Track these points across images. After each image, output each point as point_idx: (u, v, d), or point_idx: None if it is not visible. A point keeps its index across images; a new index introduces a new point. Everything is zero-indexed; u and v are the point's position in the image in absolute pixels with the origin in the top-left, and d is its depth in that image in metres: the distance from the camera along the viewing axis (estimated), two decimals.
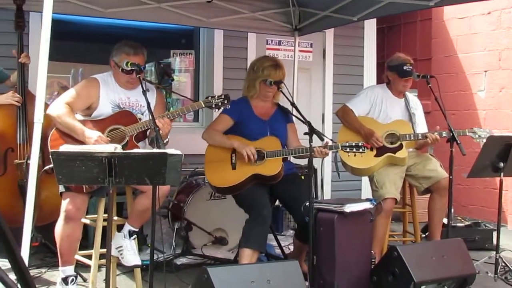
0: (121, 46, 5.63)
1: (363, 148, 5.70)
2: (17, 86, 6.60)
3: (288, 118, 6.37)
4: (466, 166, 6.87)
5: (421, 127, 6.84)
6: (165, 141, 5.27)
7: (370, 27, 10.59)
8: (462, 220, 8.68)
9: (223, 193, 6.43)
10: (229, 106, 5.65)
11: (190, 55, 9.64)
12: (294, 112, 6.03)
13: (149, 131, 5.50)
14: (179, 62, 9.66)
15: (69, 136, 5.30)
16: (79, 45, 9.31)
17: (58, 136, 5.34)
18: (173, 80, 8.53)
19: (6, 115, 6.57)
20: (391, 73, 6.84)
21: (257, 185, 5.95)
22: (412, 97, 7.03)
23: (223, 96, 5.59)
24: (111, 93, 5.57)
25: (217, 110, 5.74)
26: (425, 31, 11.19)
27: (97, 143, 5.07)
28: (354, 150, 5.71)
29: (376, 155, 6.58)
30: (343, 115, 6.85)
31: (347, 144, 5.73)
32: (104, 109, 5.51)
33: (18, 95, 6.49)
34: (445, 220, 6.78)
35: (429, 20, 11.05)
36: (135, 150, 4.69)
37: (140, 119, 5.50)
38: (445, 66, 10.71)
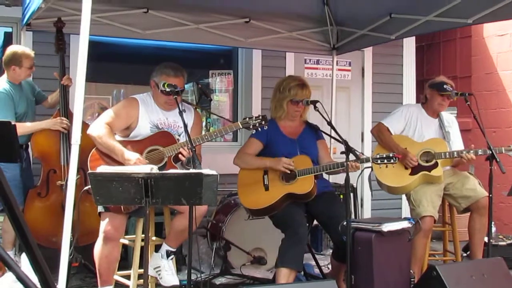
0: (162, 68, 5.69)
1: (394, 158, 5.64)
2: (59, 108, 6.69)
3: (317, 135, 6.35)
4: (507, 184, 6.79)
5: (457, 144, 6.78)
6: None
7: (409, 45, 10.55)
8: (504, 238, 8.56)
9: (259, 215, 6.39)
10: (266, 126, 5.66)
11: (229, 75, 9.69)
12: (332, 133, 6.01)
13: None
14: (218, 82, 9.72)
15: (109, 157, 5.35)
16: (120, 66, 9.41)
17: (98, 156, 5.40)
18: (211, 100, 8.57)
19: (50, 136, 6.67)
20: (430, 90, 6.81)
21: (292, 204, 5.93)
22: (446, 115, 6.97)
23: (260, 117, 5.60)
24: (150, 114, 5.62)
25: (254, 131, 5.76)
26: (465, 48, 11.10)
27: (135, 166, 5.11)
28: (385, 161, 5.65)
29: (411, 173, 6.53)
30: (378, 134, 6.83)
31: (378, 156, 5.69)
32: (143, 129, 5.56)
33: (66, 122, 6.56)
34: (486, 239, 6.70)
35: (468, 37, 10.96)
36: (171, 171, 4.73)
37: (178, 139, 5.53)
38: (486, 84, 10.60)
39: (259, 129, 5.66)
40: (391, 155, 5.66)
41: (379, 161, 5.69)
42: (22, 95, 6.66)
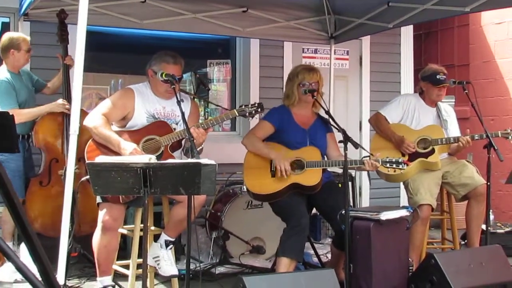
0: (162, 55, 5.68)
1: (402, 164, 5.67)
2: (62, 93, 6.71)
3: (328, 128, 6.34)
4: (505, 172, 6.81)
5: (454, 132, 6.79)
6: (198, 149, 5.33)
7: (407, 33, 10.55)
8: (502, 226, 8.58)
9: (261, 200, 6.42)
10: (262, 114, 5.68)
11: (227, 65, 9.69)
12: (330, 121, 6.02)
13: (184, 140, 5.54)
14: (216, 71, 9.71)
15: (106, 147, 5.34)
16: (118, 56, 9.40)
17: (95, 147, 5.39)
18: (209, 90, 8.57)
19: (52, 126, 6.71)
20: (424, 83, 6.81)
21: (295, 194, 5.93)
22: (444, 105, 6.98)
23: (256, 104, 5.61)
24: (146, 103, 5.62)
25: (251, 118, 5.76)
26: (463, 37, 11.10)
27: (131, 155, 5.11)
28: (394, 166, 5.68)
29: (408, 161, 6.55)
30: (376, 123, 6.85)
31: (387, 160, 5.70)
32: (139, 119, 5.56)
33: (68, 104, 6.58)
34: (484, 227, 6.72)
35: (466, 26, 10.96)
36: (170, 161, 4.73)
37: (174, 129, 5.54)
38: (483, 72, 10.60)
39: (255, 116, 5.67)
40: (400, 160, 5.69)
41: (388, 165, 5.71)
42: (22, 84, 6.67)
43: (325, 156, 6.18)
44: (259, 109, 5.59)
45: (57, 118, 6.66)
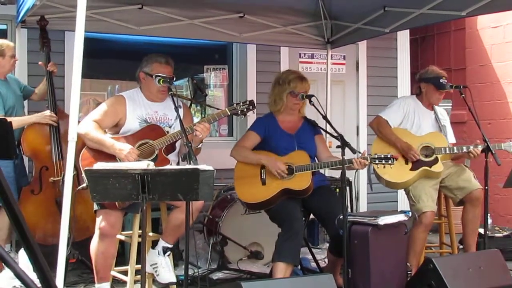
0: (152, 57, 5.73)
1: (392, 160, 5.65)
2: (47, 99, 6.73)
3: (315, 130, 6.34)
4: (503, 175, 6.82)
5: (450, 138, 6.81)
6: (199, 146, 5.42)
7: (404, 38, 10.56)
8: (501, 230, 8.58)
9: (255, 208, 6.40)
10: (255, 111, 5.69)
11: (224, 70, 9.69)
12: (328, 127, 5.99)
13: (179, 143, 5.56)
14: (213, 77, 9.72)
15: (100, 154, 5.35)
16: (115, 62, 9.40)
17: (89, 155, 5.40)
18: (206, 95, 8.57)
19: (40, 134, 6.69)
20: (426, 85, 6.78)
21: (288, 199, 5.93)
22: (439, 109, 6.98)
23: (247, 102, 5.63)
24: (137, 109, 5.64)
25: (243, 117, 5.75)
26: (459, 40, 11.10)
27: (129, 155, 5.13)
28: (383, 162, 5.66)
29: (411, 169, 6.52)
30: (378, 127, 6.80)
31: (376, 156, 5.69)
32: (132, 124, 5.58)
33: (55, 116, 6.59)
34: (482, 231, 6.71)
35: (462, 29, 10.96)
36: (168, 167, 4.73)
37: (168, 132, 5.55)
38: (480, 76, 10.61)
39: (247, 114, 5.67)
40: (389, 156, 5.66)
41: (377, 161, 5.69)
42: (9, 89, 6.63)
43: (315, 159, 6.18)
44: (250, 107, 5.61)
45: (44, 127, 6.66)
